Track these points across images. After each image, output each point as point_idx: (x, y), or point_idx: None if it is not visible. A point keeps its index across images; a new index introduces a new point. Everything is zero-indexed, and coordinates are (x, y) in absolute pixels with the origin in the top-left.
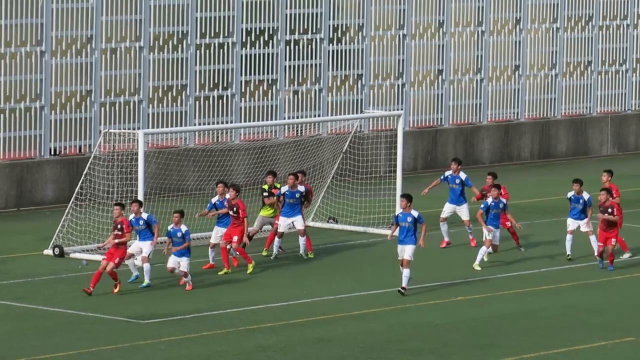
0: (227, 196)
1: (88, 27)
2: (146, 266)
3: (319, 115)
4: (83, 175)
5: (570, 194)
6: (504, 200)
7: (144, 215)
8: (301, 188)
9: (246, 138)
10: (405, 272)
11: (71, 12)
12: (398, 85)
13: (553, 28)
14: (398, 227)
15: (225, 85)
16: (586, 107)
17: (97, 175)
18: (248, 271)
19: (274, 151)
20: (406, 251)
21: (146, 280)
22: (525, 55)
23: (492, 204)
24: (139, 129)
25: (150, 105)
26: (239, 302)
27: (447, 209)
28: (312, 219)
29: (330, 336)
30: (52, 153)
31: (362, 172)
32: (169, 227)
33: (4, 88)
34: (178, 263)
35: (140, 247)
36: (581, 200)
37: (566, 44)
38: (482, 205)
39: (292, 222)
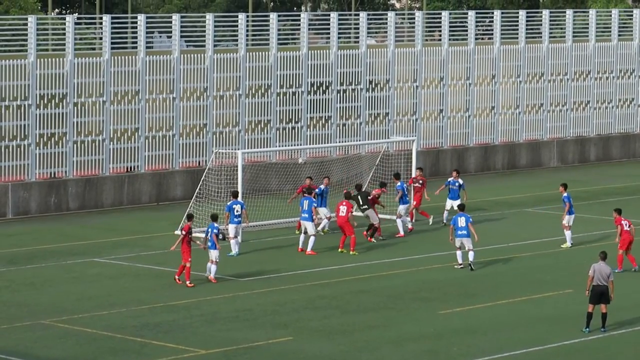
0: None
1: (204, 81)
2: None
3: (359, 140)
4: (201, 181)
5: (450, 179)
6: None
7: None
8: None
9: (310, 156)
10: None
11: (193, 71)
12: (413, 119)
13: (517, 81)
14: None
15: (296, 120)
16: (540, 134)
17: (210, 181)
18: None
19: (328, 165)
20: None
21: (235, 251)
22: (499, 99)
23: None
24: (238, 149)
25: (246, 134)
26: (306, 265)
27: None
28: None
29: (366, 288)
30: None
31: (388, 178)
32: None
33: (148, 122)
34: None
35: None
36: (457, 184)
37: (526, 91)
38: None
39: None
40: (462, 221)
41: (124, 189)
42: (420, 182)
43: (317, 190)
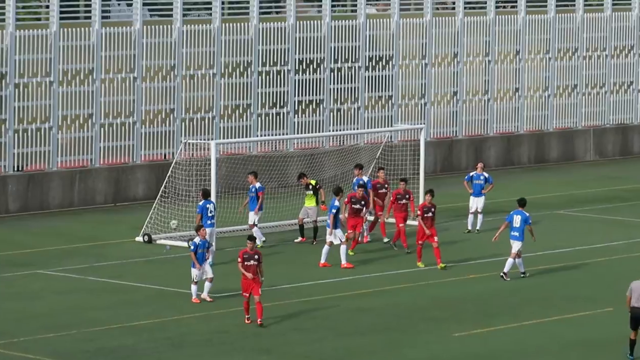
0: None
1: (172, 58)
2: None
3: (357, 129)
4: (167, 177)
5: (472, 173)
6: None
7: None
8: (365, 178)
9: (298, 147)
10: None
11: (158, 45)
12: (421, 104)
13: (546, 58)
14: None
15: (281, 104)
16: (573, 122)
17: (178, 177)
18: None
19: (320, 158)
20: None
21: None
22: (524, 79)
23: None
24: (212, 139)
25: (222, 121)
26: (293, 279)
27: None
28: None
29: (367, 307)
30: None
31: (392, 174)
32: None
33: (104, 107)
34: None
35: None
36: (482, 178)
37: (557, 70)
38: None
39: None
40: (517, 220)
41: (74, 187)
42: (385, 186)
43: (253, 187)
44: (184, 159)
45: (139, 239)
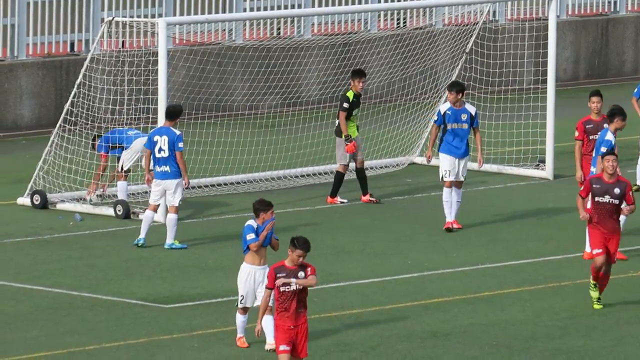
0: None
1: None
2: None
3: None
4: (75, 86)
5: None
6: None
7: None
8: (470, 108)
9: (319, 31)
10: None
11: None
12: None
13: None
14: None
15: None
16: None
17: (97, 87)
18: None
19: (362, 50)
20: None
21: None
22: None
23: None
24: (160, 16)
25: None
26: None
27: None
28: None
29: (446, 329)
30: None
31: (495, 82)
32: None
33: None
34: None
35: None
36: None
37: None
38: None
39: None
40: None
41: None
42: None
43: None
44: (106, 52)
45: (24, 200)
